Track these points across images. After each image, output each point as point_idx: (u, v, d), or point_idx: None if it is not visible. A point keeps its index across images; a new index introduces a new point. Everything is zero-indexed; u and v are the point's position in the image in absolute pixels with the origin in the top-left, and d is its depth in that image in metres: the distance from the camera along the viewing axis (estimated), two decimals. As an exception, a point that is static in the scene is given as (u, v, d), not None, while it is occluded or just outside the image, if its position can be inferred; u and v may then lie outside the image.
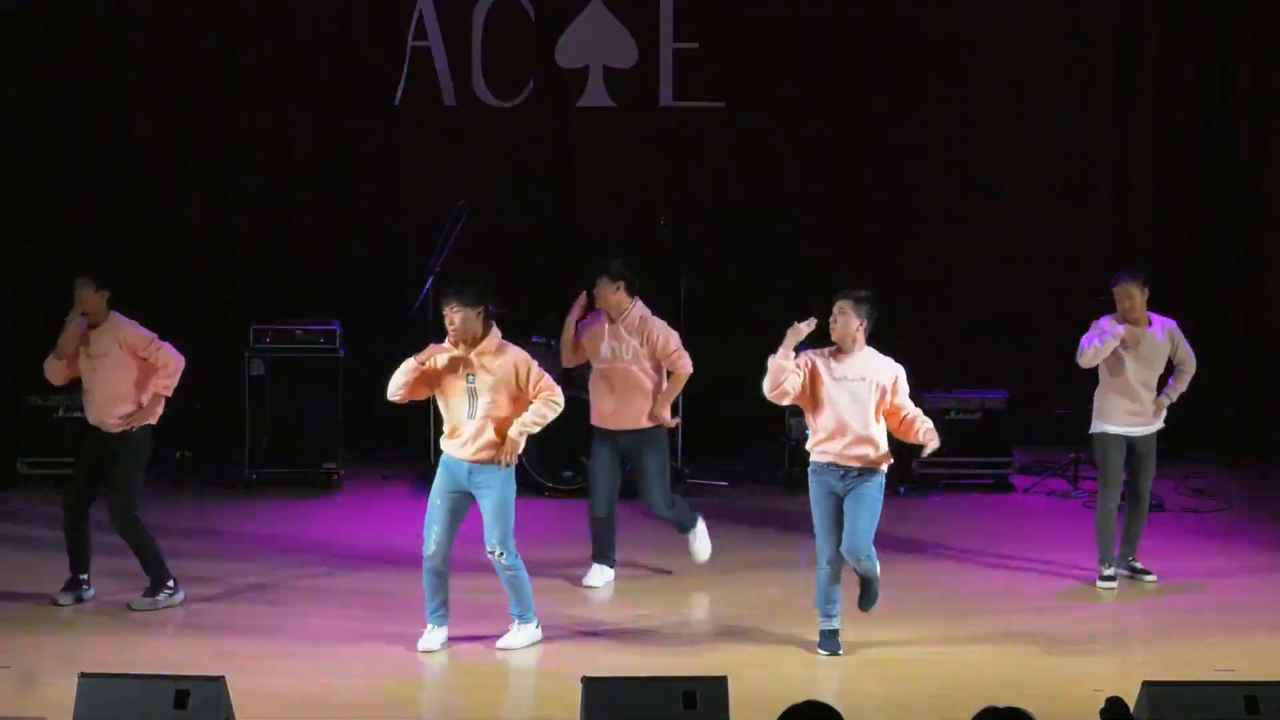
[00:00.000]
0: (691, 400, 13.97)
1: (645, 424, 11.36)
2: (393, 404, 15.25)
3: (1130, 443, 11.39)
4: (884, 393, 9.86)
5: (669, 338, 11.46)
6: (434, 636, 9.92)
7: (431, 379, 9.98)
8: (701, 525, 11.56)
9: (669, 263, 14.14)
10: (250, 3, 15.16)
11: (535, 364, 10.00)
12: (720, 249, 15.39)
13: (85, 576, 10.74)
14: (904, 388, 9.92)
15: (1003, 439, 14.11)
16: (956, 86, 15.35)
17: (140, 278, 14.90)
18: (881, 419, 9.89)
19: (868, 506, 9.84)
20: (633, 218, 15.02)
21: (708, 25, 15.24)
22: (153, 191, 15.17)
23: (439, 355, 9.93)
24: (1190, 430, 15.04)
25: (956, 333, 15.32)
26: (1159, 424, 11.49)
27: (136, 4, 15.06)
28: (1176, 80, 15.30)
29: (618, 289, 11.37)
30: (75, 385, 11.06)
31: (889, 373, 9.91)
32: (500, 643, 9.97)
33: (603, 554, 11.47)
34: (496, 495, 9.83)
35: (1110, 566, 11.40)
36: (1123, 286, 11.36)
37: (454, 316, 9.84)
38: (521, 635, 9.99)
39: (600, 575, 11.43)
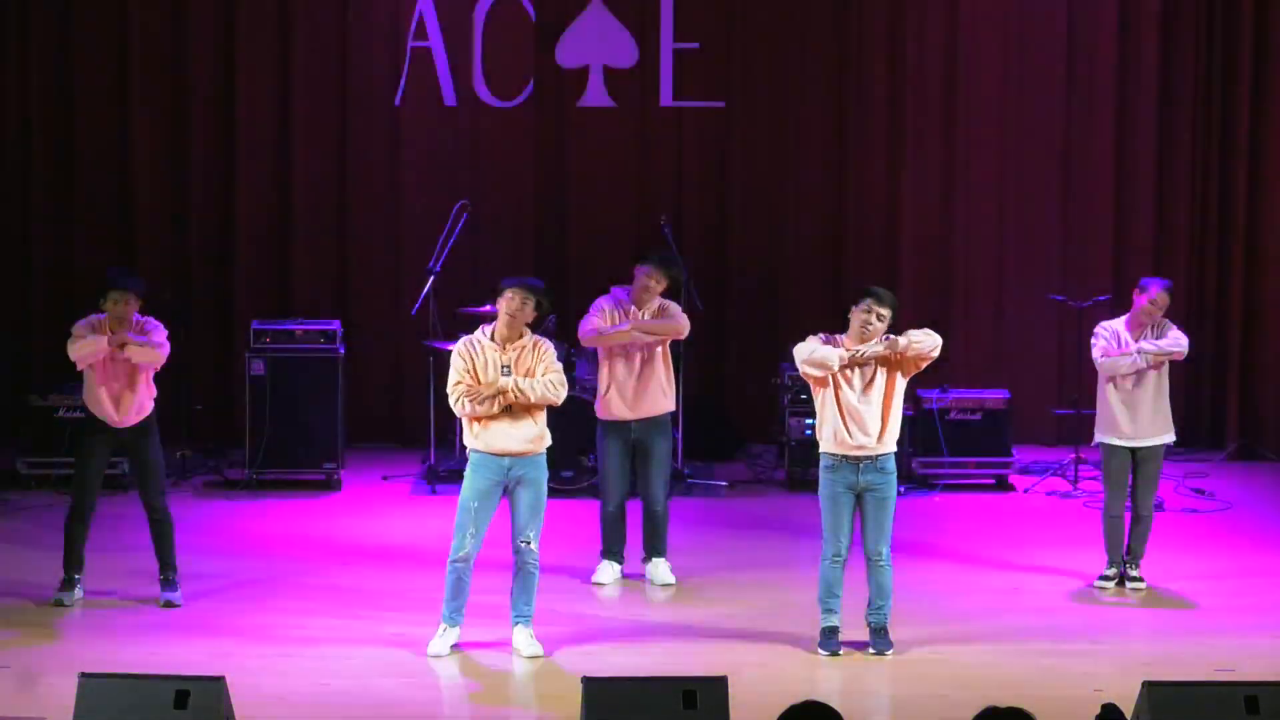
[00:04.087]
0: (691, 401, 13.98)
1: (661, 410, 11.34)
2: (392, 403, 15.22)
3: (1132, 453, 11.36)
4: (892, 364, 9.87)
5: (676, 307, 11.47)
6: (446, 639, 9.83)
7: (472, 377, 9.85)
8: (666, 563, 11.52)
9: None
10: (251, 3, 15.17)
11: (554, 352, 9.98)
12: (720, 249, 15.39)
13: (80, 576, 10.74)
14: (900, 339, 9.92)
15: (1003, 439, 14.09)
16: (957, 86, 15.35)
17: (140, 277, 14.90)
18: (897, 401, 9.90)
19: (891, 505, 9.94)
20: (633, 218, 15.03)
21: (708, 25, 15.24)
22: (153, 191, 15.17)
23: (478, 353, 9.79)
24: (1191, 430, 15.06)
25: (957, 333, 15.33)
26: (1165, 436, 11.42)
27: (137, 4, 15.07)
28: (1176, 80, 15.30)
29: (662, 283, 11.34)
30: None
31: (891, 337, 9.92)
32: (531, 652, 9.84)
33: (612, 550, 11.44)
34: (536, 489, 9.82)
35: (1111, 567, 11.40)
36: (1161, 295, 11.25)
37: (525, 304, 9.78)
38: (531, 647, 9.88)
39: (609, 571, 11.40)
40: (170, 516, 10.78)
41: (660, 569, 11.39)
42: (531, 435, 9.82)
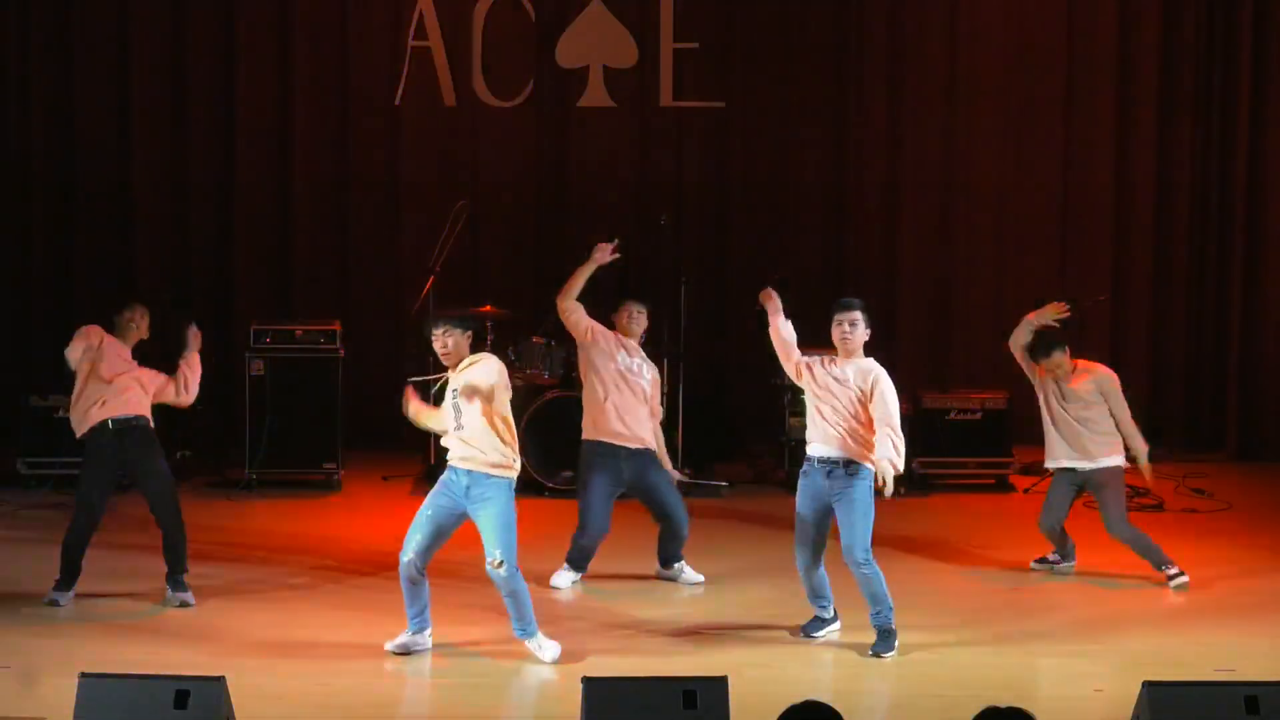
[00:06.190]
0: (692, 401, 13.98)
1: (652, 443, 11.21)
2: (392, 404, 15.29)
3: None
4: (865, 397, 9.82)
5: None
6: (401, 641, 9.76)
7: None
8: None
9: (669, 263, 14.15)
10: (251, 3, 15.18)
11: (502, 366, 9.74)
12: (720, 249, 15.40)
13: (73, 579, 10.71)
14: (883, 396, 9.82)
15: (1003, 439, 14.10)
16: (957, 88, 15.37)
17: (141, 278, 14.92)
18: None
19: (861, 511, 9.80)
20: (633, 218, 15.03)
21: (708, 25, 15.27)
22: (153, 192, 15.19)
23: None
24: (1191, 429, 15.07)
25: (957, 333, 15.34)
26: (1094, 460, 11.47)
27: (136, 5, 15.08)
28: (1176, 84, 15.32)
29: (645, 318, 11.30)
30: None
31: (871, 375, 9.87)
32: (550, 656, 9.70)
33: (575, 563, 11.37)
34: (496, 508, 9.50)
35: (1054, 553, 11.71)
36: (1053, 359, 11.42)
37: (446, 341, 9.56)
38: (544, 652, 9.76)
39: (565, 578, 11.30)
40: (184, 533, 10.69)
41: (688, 570, 11.39)
42: (477, 456, 9.56)
